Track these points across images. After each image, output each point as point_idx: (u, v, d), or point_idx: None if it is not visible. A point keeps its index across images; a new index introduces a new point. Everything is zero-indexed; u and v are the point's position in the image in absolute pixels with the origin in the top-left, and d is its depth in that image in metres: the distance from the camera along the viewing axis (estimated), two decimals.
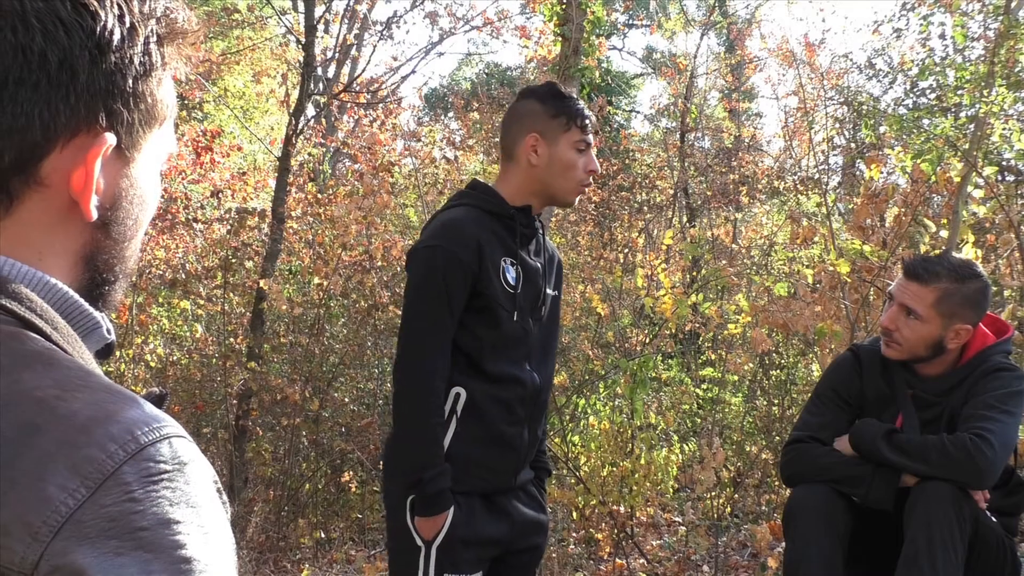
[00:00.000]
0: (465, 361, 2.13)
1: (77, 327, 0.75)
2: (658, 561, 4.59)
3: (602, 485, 4.86)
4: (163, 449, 0.65)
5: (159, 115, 0.79)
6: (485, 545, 2.16)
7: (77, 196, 0.74)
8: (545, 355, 2.28)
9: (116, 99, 0.74)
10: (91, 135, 0.73)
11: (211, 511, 0.67)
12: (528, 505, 2.26)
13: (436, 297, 2.07)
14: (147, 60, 0.76)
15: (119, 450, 0.63)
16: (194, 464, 0.67)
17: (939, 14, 7.05)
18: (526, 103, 2.24)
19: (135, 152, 0.78)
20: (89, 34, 0.72)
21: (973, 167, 4.73)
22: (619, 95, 17.32)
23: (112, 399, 0.67)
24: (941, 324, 2.57)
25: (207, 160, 7.90)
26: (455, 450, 2.12)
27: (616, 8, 13.32)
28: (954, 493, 2.40)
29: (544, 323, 2.27)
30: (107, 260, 0.79)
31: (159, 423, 0.67)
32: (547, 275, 2.28)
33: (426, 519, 2.08)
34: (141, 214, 0.81)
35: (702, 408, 6.75)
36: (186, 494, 0.65)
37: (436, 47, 12.60)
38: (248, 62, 13.36)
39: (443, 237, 2.11)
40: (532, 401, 2.21)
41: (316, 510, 6.22)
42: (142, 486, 0.63)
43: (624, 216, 10.30)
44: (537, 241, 2.27)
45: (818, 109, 9.03)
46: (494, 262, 2.12)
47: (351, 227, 6.87)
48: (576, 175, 2.20)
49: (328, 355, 6.66)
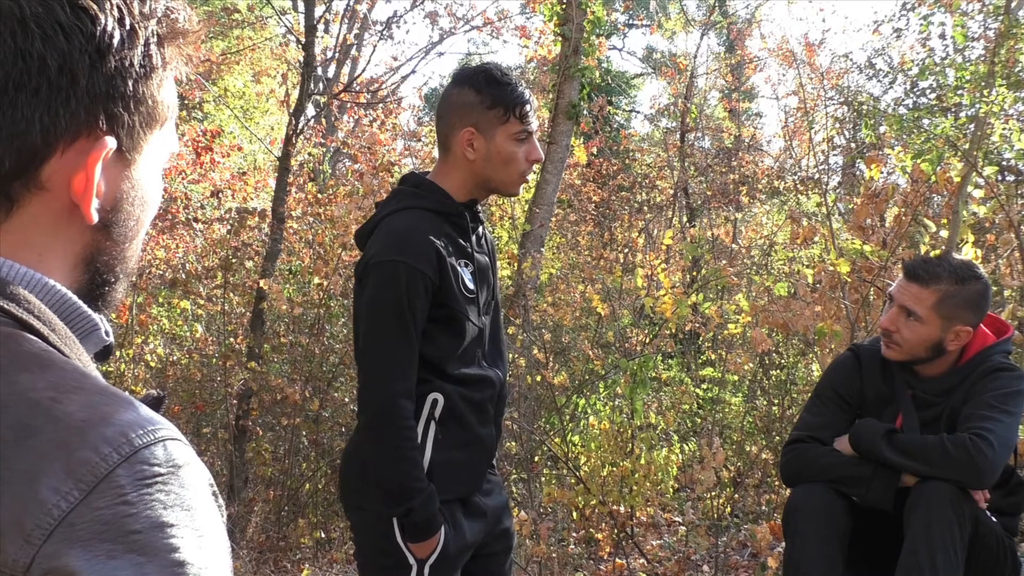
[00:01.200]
0: (433, 368, 2.04)
1: (75, 329, 0.75)
2: (658, 561, 4.59)
3: (602, 485, 4.86)
4: (157, 452, 0.65)
5: (160, 116, 0.79)
6: (470, 548, 2.13)
7: (78, 199, 0.74)
8: (496, 347, 2.21)
9: (116, 102, 0.74)
10: (92, 139, 0.73)
11: (206, 514, 0.67)
12: (489, 494, 2.20)
13: (399, 316, 1.95)
14: (147, 62, 0.76)
15: (113, 452, 0.63)
16: (189, 467, 0.67)
17: (939, 14, 7.05)
18: (461, 91, 2.07)
19: (136, 154, 0.78)
20: (89, 38, 0.71)
21: (973, 167, 4.73)
22: (619, 95, 17.32)
23: (107, 401, 0.67)
24: (941, 326, 2.57)
25: (207, 160, 7.91)
26: (437, 457, 2.05)
27: (616, 8, 13.32)
28: (954, 493, 2.40)
29: (494, 317, 2.21)
30: (108, 261, 0.80)
31: (154, 426, 0.66)
32: (493, 267, 2.20)
33: (419, 543, 2.01)
34: (143, 215, 0.81)
35: (702, 408, 6.75)
36: (180, 497, 0.65)
37: (436, 47, 12.62)
38: (248, 62, 13.35)
39: (404, 251, 1.96)
40: (500, 398, 2.18)
41: (316, 510, 6.21)
42: (136, 489, 0.63)
43: (624, 216, 10.30)
44: (481, 232, 2.18)
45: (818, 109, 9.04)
46: (453, 269, 2.02)
47: (351, 227, 6.87)
48: (517, 167, 2.08)
49: (328, 355, 6.66)
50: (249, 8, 13.69)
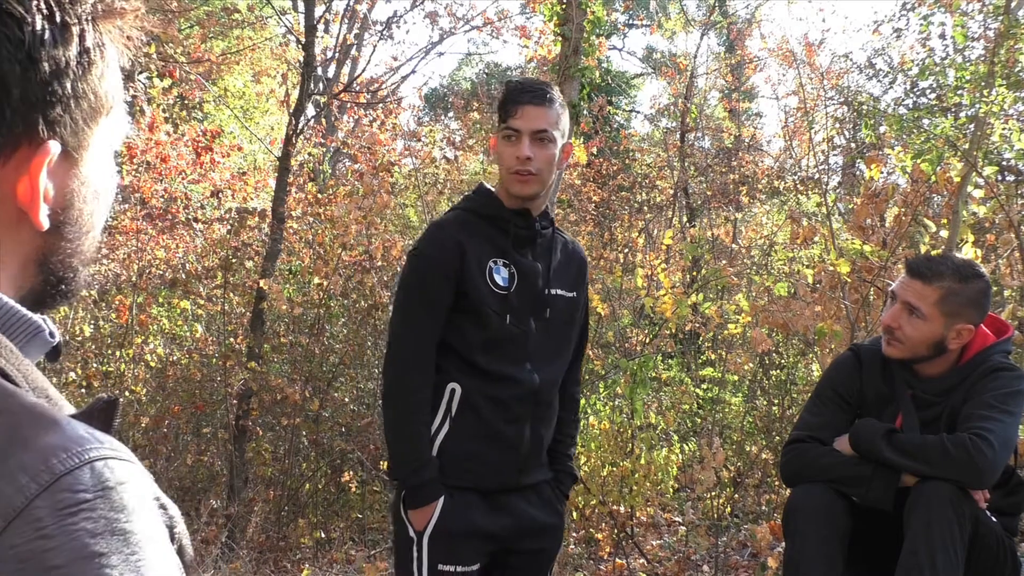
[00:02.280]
0: (458, 358, 2.17)
1: (16, 335, 0.71)
2: (658, 561, 4.59)
3: (602, 485, 4.86)
4: (83, 476, 0.60)
5: (104, 107, 0.75)
6: (482, 538, 2.17)
7: (25, 207, 0.71)
8: (552, 356, 2.26)
9: (55, 106, 0.70)
10: (33, 146, 0.70)
11: (144, 535, 0.61)
12: (537, 506, 2.25)
13: (416, 298, 2.16)
14: (84, 58, 0.71)
15: (31, 483, 0.58)
16: (124, 486, 0.61)
17: (939, 14, 7.05)
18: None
19: (82, 151, 0.75)
20: (17, 44, 0.67)
21: (973, 167, 4.73)
22: (619, 95, 17.32)
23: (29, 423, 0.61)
24: (943, 323, 2.57)
25: (207, 160, 7.90)
26: (450, 445, 2.16)
27: (616, 8, 13.31)
28: (954, 493, 2.40)
29: (553, 324, 2.25)
30: (62, 260, 0.77)
31: (81, 446, 0.61)
32: (552, 275, 2.26)
33: (416, 510, 2.14)
34: (97, 206, 0.78)
35: (702, 408, 6.75)
36: (111, 522, 0.59)
37: (436, 47, 12.62)
38: (248, 62, 13.34)
39: (425, 241, 2.21)
40: (531, 400, 2.20)
41: (316, 510, 6.22)
42: (56, 520, 0.58)
43: (624, 216, 10.30)
44: (540, 242, 2.25)
45: (818, 109, 9.04)
46: (480, 264, 2.15)
47: (351, 227, 6.87)
48: (505, 165, 2.18)
49: (328, 355, 6.66)
50: (249, 8, 13.68)
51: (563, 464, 2.34)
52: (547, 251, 2.27)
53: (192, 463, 6.43)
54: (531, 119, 2.14)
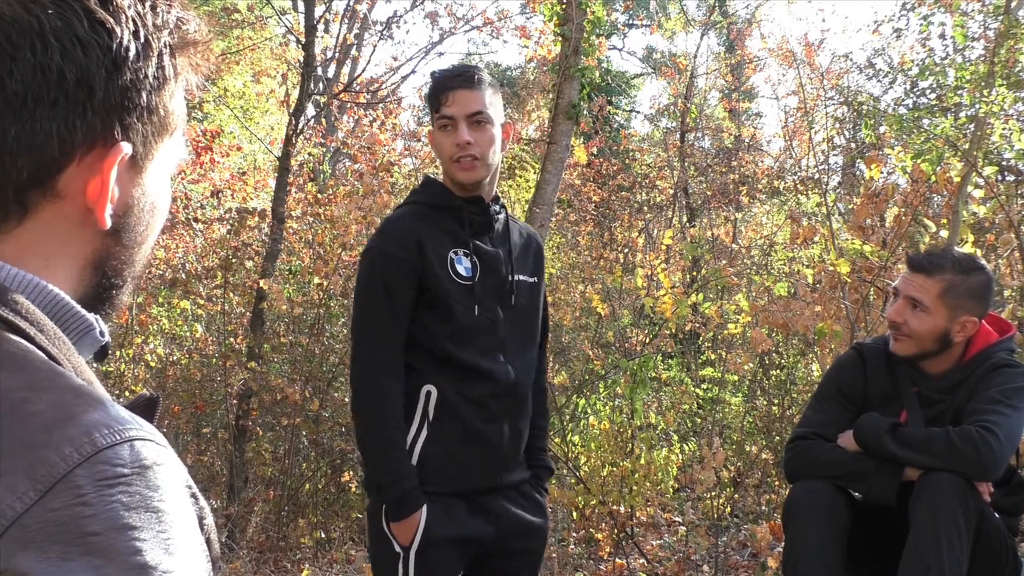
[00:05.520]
0: (431, 358, 2.10)
1: (69, 330, 0.76)
2: (658, 561, 4.59)
3: (602, 485, 4.85)
4: (122, 452, 0.63)
5: (171, 126, 0.81)
6: (468, 543, 2.11)
7: (92, 205, 0.76)
8: (523, 345, 2.21)
9: (131, 113, 0.76)
10: (107, 147, 0.75)
11: (176, 517, 0.65)
12: (521, 506, 2.19)
13: (376, 297, 2.09)
14: (160, 74, 0.78)
15: (74, 452, 0.62)
16: (160, 468, 0.65)
17: (939, 14, 7.05)
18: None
19: (147, 162, 0.80)
20: (105, 51, 0.74)
21: (973, 167, 4.73)
22: (619, 95, 17.31)
23: (76, 401, 0.66)
24: (947, 316, 2.57)
25: (207, 160, 7.90)
26: (430, 450, 2.08)
27: (616, 8, 13.31)
28: (960, 485, 2.40)
29: (519, 311, 2.20)
30: (116, 266, 0.81)
31: (122, 425, 0.65)
32: (515, 262, 2.21)
33: (399, 523, 2.05)
34: (152, 220, 0.84)
35: (702, 408, 6.75)
36: (145, 499, 0.63)
37: (436, 47, 12.62)
38: (248, 62, 13.33)
39: (380, 238, 2.15)
40: (508, 396, 2.15)
41: (316, 510, 6.21)
42: (96, 490, 0.61)
43: (624, 216, 10.30)
44: (498, 228, 2.21)
45: (818, 109, 9.04)
46: (440, 256, 2.10)
47: (351, 227, 6.86)
48: (444, 154, 2.14)
49: (328, 355, 6.65)
50: (249, 8, 13.68)
51: (539, 459, 2.29)
52: (504, 237, 2.22)
53: (192, 463, 6.42)
54: (464, 103, 2.10)
